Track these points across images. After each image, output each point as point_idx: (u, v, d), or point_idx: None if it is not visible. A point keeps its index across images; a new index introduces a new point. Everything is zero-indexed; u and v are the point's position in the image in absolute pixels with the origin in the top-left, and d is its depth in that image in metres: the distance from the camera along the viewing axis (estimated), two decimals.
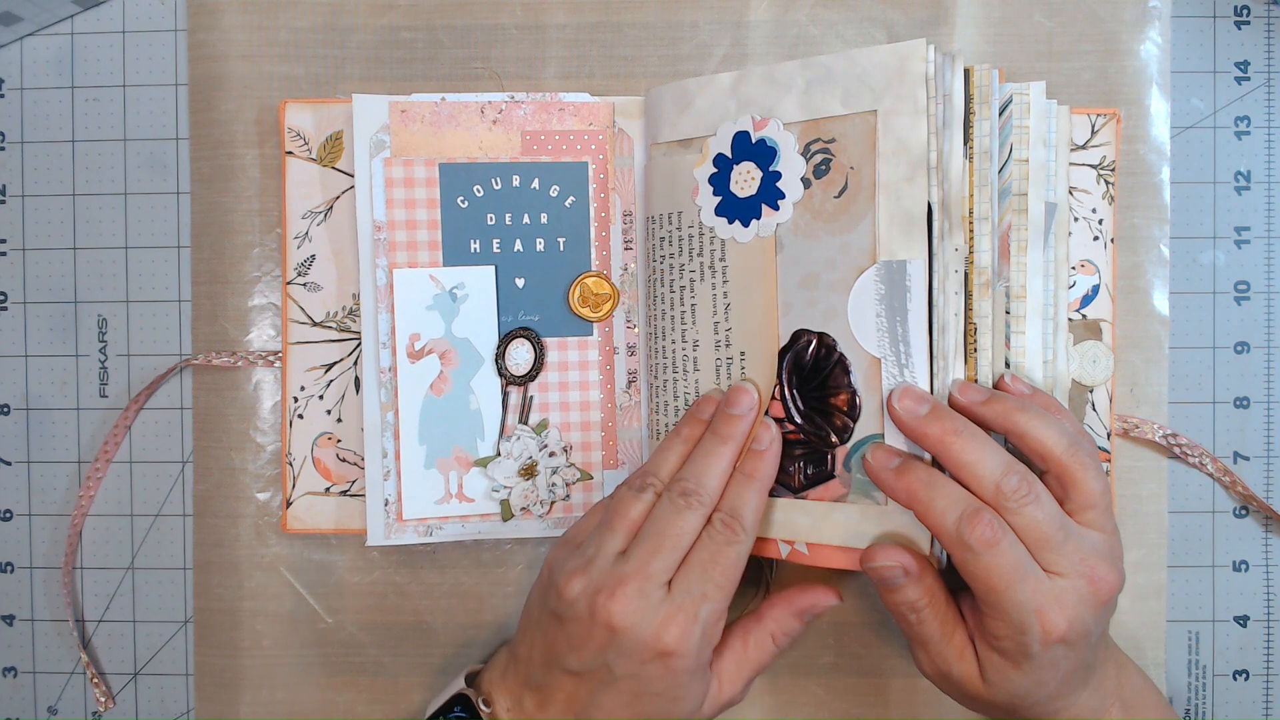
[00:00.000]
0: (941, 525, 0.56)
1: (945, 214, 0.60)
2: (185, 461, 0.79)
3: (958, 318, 0.60)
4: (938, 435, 0.57)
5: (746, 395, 0.65)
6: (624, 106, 0.74)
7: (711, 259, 0.68)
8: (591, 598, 0.61)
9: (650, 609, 0.60)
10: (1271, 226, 0.78)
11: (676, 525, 0.62)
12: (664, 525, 0.62)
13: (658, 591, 0.60)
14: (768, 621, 0.66)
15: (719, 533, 0.62)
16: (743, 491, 0.63)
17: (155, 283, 0.79)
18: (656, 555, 0.61)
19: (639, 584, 0.60)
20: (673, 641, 0.60)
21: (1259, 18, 0.77)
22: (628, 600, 0.60)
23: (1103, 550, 0.58)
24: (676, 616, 0.60)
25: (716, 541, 0.62)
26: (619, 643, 0.60)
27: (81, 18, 0.78)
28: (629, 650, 0.60)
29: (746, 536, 0.62)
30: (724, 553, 0.61)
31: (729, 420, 0.65)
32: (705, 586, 0.61)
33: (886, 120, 0.61)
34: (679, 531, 0.62)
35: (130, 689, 0.80)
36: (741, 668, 0.66)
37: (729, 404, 0.65)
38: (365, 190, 0.72)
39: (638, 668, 0.60)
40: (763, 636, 0.66)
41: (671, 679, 0.61)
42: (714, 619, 0.61)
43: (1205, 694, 0.79)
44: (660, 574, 0.61)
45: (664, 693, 0.61)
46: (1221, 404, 0.78)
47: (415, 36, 0.76)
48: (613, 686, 0.61)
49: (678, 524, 0.62)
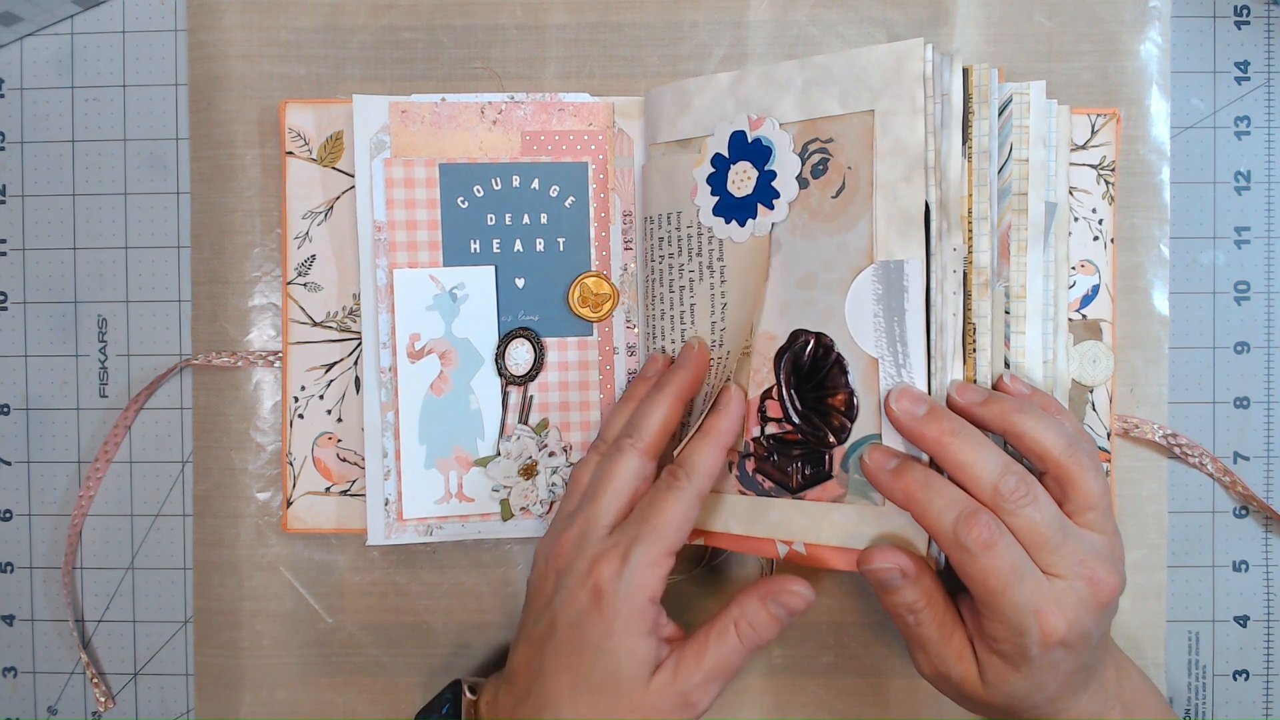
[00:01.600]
0: (939, 526, 0.56)
1: (943, 214, 0.60)
2: (185, 461, 0.79)
3: (956, 318, 0.60)
4: (935, 436, 0.57)
5: (688, 349, 0.68)
6: (624, 107, 0.74)
7: (710, 259, 0.68)
8: (545, 553, 0.65)
9: (588, 547, 0.62)
10: (1271, 226, 0.78)
11: (609, 470, 0.64)
12: (600, 473, 0.65)
13: (599, 532, 0.62)
14: (732, 609, 0.62)
15: (662, 480, 0.63)
16: (695, 444, 0.64)
17: (155, 283, 0.79)
18: (594, 502, 0.63)
19: (580, 528, 0.63)
20: (601, 577, 0.60)
21: (1259, 18, 0.77)
22: (569, 543, 0.63)
23: (1102, 552, 0.57)
24: (608, 553, 0.61)
25: (658, 489, 0.63)
26: (561, 583, 0.62)
27: (81, 18, 0.78)
28: (568, 590, 0.61)
29: (690, 484, 0.62)
30: (662, 498, 0.62)
31: (670, 371, 0.67)
32: (639, 528, 0.61)
33: (884, 120, 0.61)
34: (612, 475, 0.64)
35: (130, 689, 0.80)
36: (700, 658, 0.61)
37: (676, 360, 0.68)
38: (365, 190, 0.72)
39: (575, 609, 0.61)
40: (725, 627, 0.62)
41: (604, 625, 0.59)
42: (645, 561, 0.60)
43: (1205, 694, 0.79)
44: (601, 517, 0.63)
45: (600, 645, 0.59)
46: (1221, 404, 0.78)
47: (415, 36, 0.76)
48: (555, 641, 0.61)
49: (610, 469, 0.64)
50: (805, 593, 0.62)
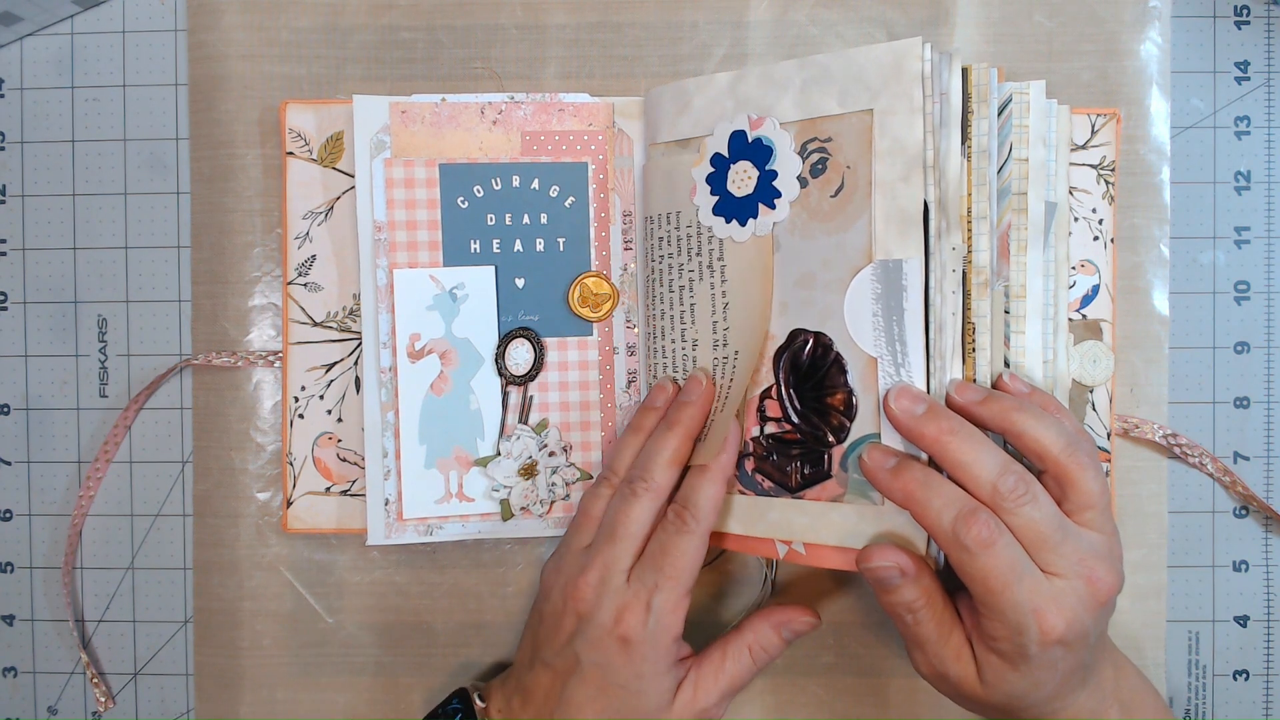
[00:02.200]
0: (938, 525, 0.56)
1: (942, 213, 0.60)
2: (185, 461, 0.79)
3: (955, 317, 0.60)
4: (934, 435, 0.57)
5: (695, 384, 0.68)
6: (624, 107, 0.74)
7: (710, 258, 0.68)
8: (563, 589, 0.65)
9: (610, 596, 0.63)
10: (1271, 226, 0.78)
11: (626, 514, 0.65)
12: (615, 515, 0.65)
13: (618, 579, 0.64)
14: (746, 633, 0.68)
15: (670, 523, 0.65)
16: (697, 481, 0.65)
17: (155, 283, 0.79)
18: (611, 544, 0.64)
19: (599, 572, 0.64)
20: (629, 629, 0.63)
21: (1259, 18, 0.77)
22: (590, 588, 0.64)
23: (1101, 551, 0.57)
24: (632, 604, 0.63)
25: (668, 531, 0.64)
26: (584, 629, 0.64)
27: (81, 18, 0.78)
28: (593, 637, 0.63)
29: (698, 525, 0.64)
30: (674, 542, 0.64)
31: (678, 407, 0.67)
32: (657, 577, 0.63)
33: (883, 119, 0.61)
34: (629, 520, 0.65)
35: (130, 689, 0.80)
36: (717, 678, 0.66)
37: (682, 392, 0.68)
38: (366, 191, 0.72)
39: (601, 655, 0.63)
40: (739, 649, 0.67)
41: (632, 669, 0.63)
42: (668, 608, 0.63)
43: (1205, 694, 0.79)
44: (618, 562, 0.64)
45: (627, 684, 0.63)
46: (1221, 404, 0.78)
47: (415, 36, 0.76)
48: (581, 676, 0.64)
49: (627, 513, 0.65)
50: (812, 620, 0.68)
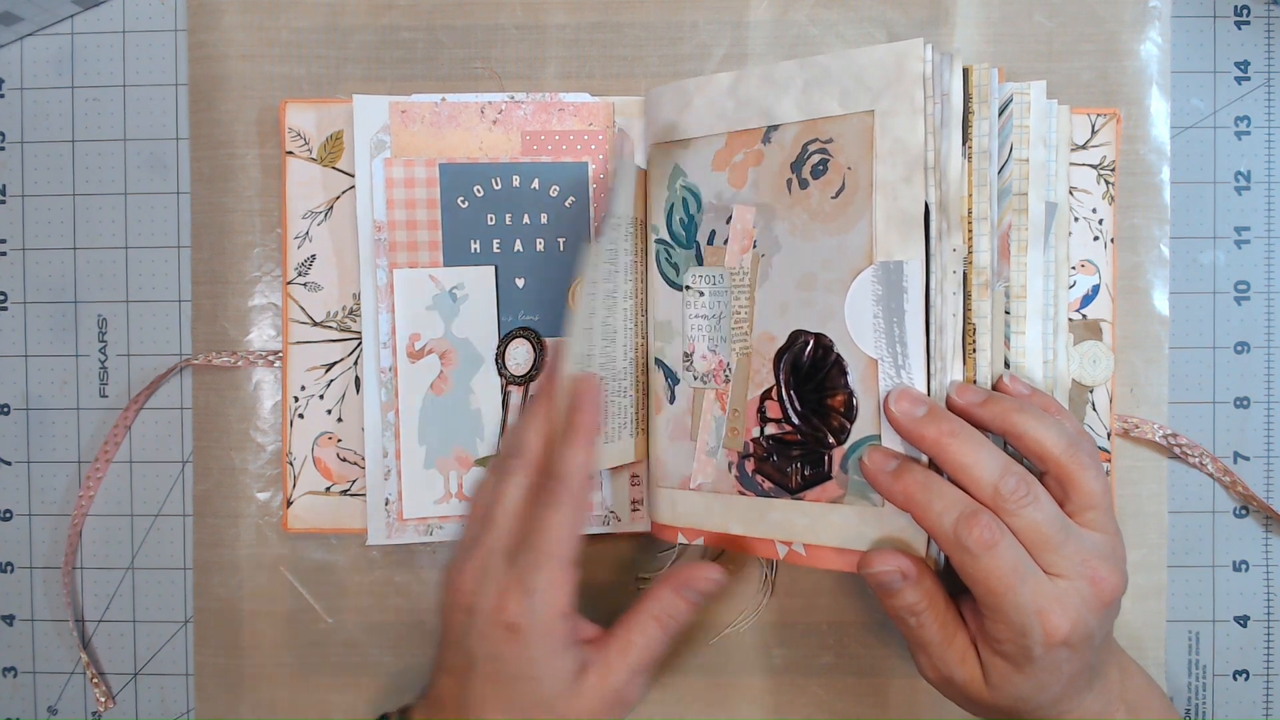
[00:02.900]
0: (939, 527, 0.56)
1: (943, 214, 0.60)
2: (185, 461, 0.79)
3: (956, 318, 0.60)
4: (934, 437, 0.57)
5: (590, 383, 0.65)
6: (624, 106, 0.74)
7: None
8: (448, 585, 0.62)
9: (489, 582, 0.60)
10: (1271, 226, 0.78)
11: (496, 493, 0.62)
12: (488, 497, 0.63)
13: (497, 564, 0.61)
14: (650, 603, 0.64)
15: (541, 495, 0.62)
16: (561, 450, 0.63)
17: (155, 283, 0.79)
18: (486, 528, 0.62)
19: (479, 560, 0.61)
20: (512, 613, 0.59)
21: (1259, 18, 0.77)
22: (471, 578, 0.61)
23: (1104, 551, 0.57)
24: (511, 588, 0.59)
25: (537, 506, 0.61)
26: (471, 622, 0.60)
27: (81, 18, 0.78)
28: (480, 629, 0.60)
29: (567, 494, 0.61)
30: (544, 517, 0.60)
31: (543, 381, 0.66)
32: (532, 555, 0.60)
33: (884, 120, 0.61)
34: (499, 497, 0.62)
35: (130, 689, 0.80)
36: (625, 654, 0.62)
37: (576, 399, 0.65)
38: (366, 190, 0.72)
39: (491, 646, 0.60)
40: (645, 621, 0.63)
41: (524, 655, 0.59)
42: (548, 586, 0.59)
43: (1205, 694, 0.79)
44: (496, 544, 0.61)
45: (522, 673, 0.60)
46: (1221, 404, 0.78)
47: (415, 36, 0.76)
48: (478, 673, 0.60)
49: (497, 492, 0.62)
50: (715, 576, 0.64)
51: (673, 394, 0.71)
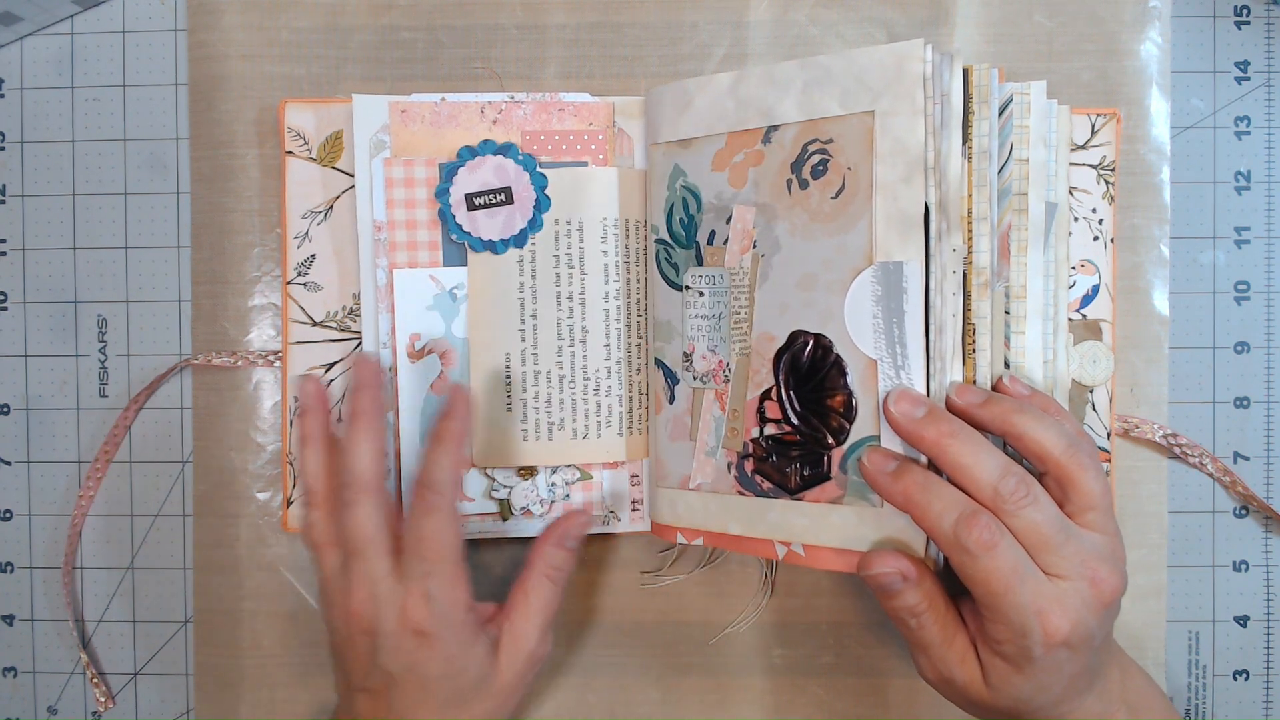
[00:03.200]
0: (938, 528, 0.56)
1: (943, 215, 0.60)
2: (185, 461, 0.79)
3: (955, 319, 0.60)
4: (934, 438, 0.57)
5: (364, 365, 0.67)
6: (624, 106, 0.74)
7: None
8: (342, 618, 0.63)
9: (385, 602, 0.62)
10: (1271, 226, 0.78)
11: (352, 525, 0.63)
12: (345, 531, 0.63)
13: (385, 582, 0.62)
14: (537, 562, 0.67)
15: (417, 506, 0.63)
16: (430, 456, 0.65)
17: (155, 283, 0.79)
18: (358, 557, 0.63)
19: (364, 586, 0.62)
20: (419, 621, 0.61)
21: (1259, 18, 0.77)
22: (362, 604, 0.62)
23: (1104, 552, 0.57)
24: (410, 601, 0.62)
25: (416, 516, 0.63)
26: (379, 644, 0.62)
27: (81, 18, 0.78)
28: (390, 647, 0.62)
29: (442, 499, 0.63)
30: (425, 524, 0.63)
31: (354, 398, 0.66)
32: (422, 565, 0.62)
33: (884, 121, 0.61)
34: (357, 526, 0.63)
35: (130, 689, 0.80)
36: (529, 616, 0.66)
37: (353, 383, 0.66)
38: (365, 190, 0.72)
39: (407, 658, 0.62)
40: (538, 579, 0.67)
41: (441, 657, 0.62)
42: (447, 588, 0.62)
43: (1205, 694, 0.79)
44: (374, 566, 0.62)
45: (443, 673, 0.63)
46: (1221, 404, 0.78)
47: (415, 36, 0.76)
48: (398, 688, 0.63)
49: (352, 524, 0.63)
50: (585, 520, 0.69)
51: (672, 394, 0.71)
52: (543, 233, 0.72)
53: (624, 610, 0.77)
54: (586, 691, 0.77)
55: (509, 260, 0.72)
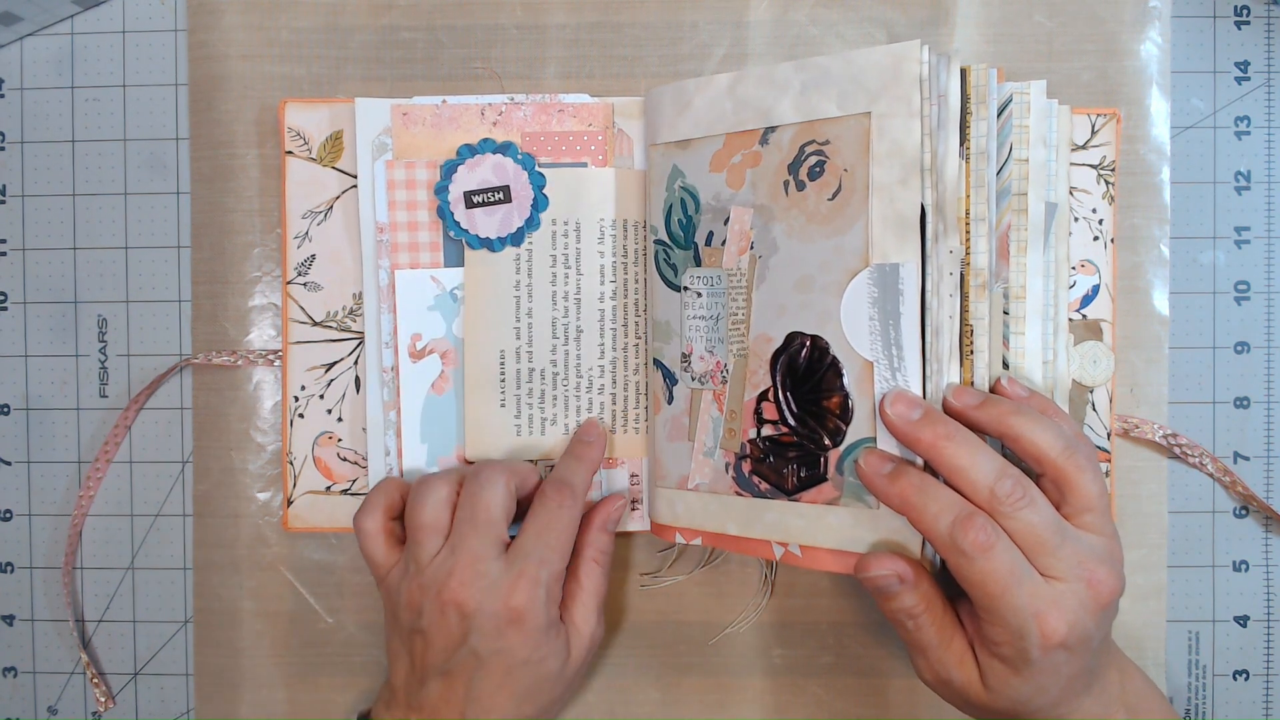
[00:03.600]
0: (935, 530, 0.56)
1: (940, 216, 0.59)
2: (185, 461, 0.79)
3: (952, 320, 0.60)
4: (930, 440, 0.57)
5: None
6: (624, 107, 0.74)
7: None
8: (437, 596, 0.64)
9: (492, 582, 0.63)
10: (1271, 226, 0.78)
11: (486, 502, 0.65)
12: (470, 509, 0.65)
13: (494, 565, 0.64)
14: (586, 550, 0.70)
15: (551, 499, 0.67)
16: (571, 464, 0.70)
17: (155, 283, 0.79)
18: (475, 535, 0.64)
19: (471, 565, 0.63)
20: (521, 604, 0.63)
21: (1259, 18, 0.77)
22: (468, 583, 0.63)
23: (1101, 553, 0.57)
24: (519, 582, 0.63)
25: (549, 508, 0.66)
26: (474, 624, 0.63)
27: (81, 18, 0.78)
28: (485, 627, 0.63)
29: (574, 503, 0.67)
30: (556, 517, 0.66)
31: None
32: (543, 552, 0.65)
33: (880, 122, 0.61)
34: (487, 505, 0.65)
35: (130, 689, 0.80)
36: (585, 603, 0.69)
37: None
38: (368, 192, 0.73)
39: (497, 641, 0.63)
40: (588, 567, 0.70)
41: (530, 642, 0.64)
42: (554, 579, 0.65)
43: (1205, 694, 0.79)
44: (486, 549, 0.64)
45: (529, 658, 0.64)
46: (1221, 404, 0.78)
47: (415, 36, 0.76)
48: (483, 670, 0.64)
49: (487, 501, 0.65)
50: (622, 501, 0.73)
51: (671, 394, 0.71)
52: (540, 232, 0.72)
53: (624, 610, 0.77)
54: (586, 691, 0.77)
55: (506, 258, 0.72)
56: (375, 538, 0.68)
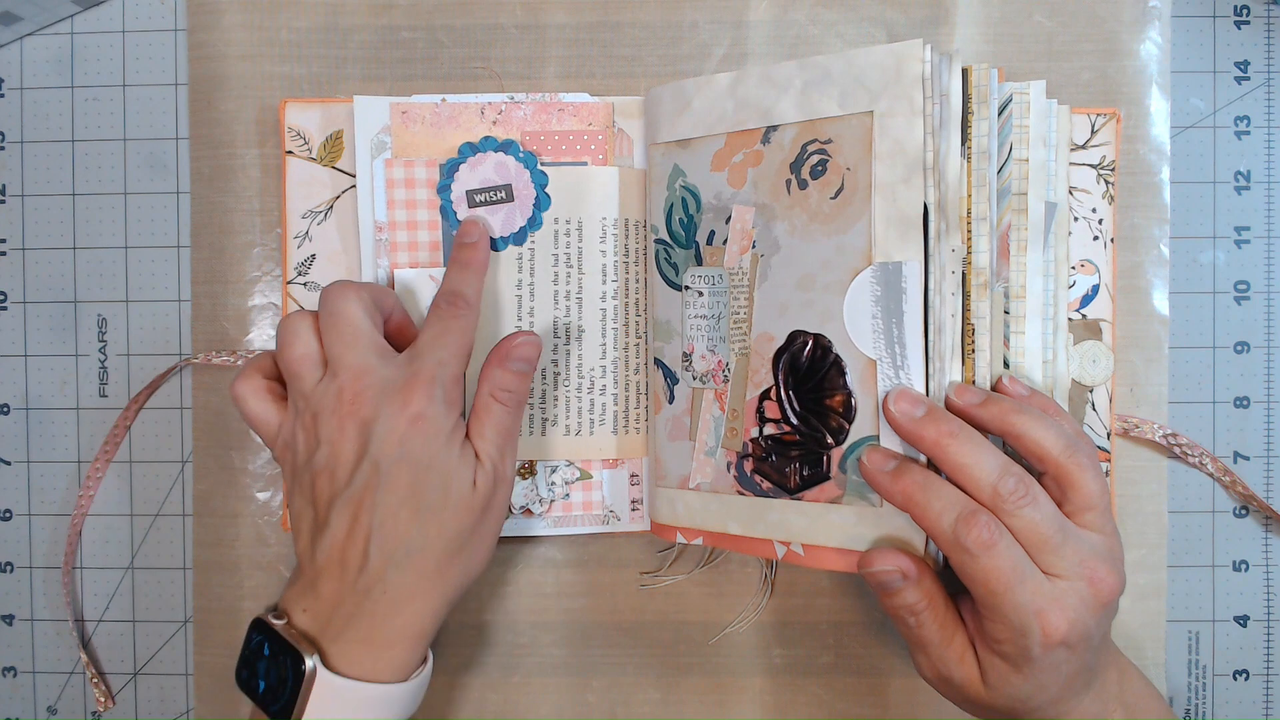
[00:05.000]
0: (938, 528, 0.56)
1: (942, 215, 0.60)
2: (185, 461, 0.79)
3: (955, 319, 0.60)
4: (933, 438, 0.57)
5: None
6: (624, 106, 0.74)
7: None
8: (332, 415, 0.62)
9: (384, 386, 0.61)
10: (1271, 226, 0.78)
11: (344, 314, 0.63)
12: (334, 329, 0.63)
13: (384, 370, 0.62)
14: (483, 385, 0.66)
15: (443, 310, 0.66)
16: (456, 272, 0.69)
17: (155, 283, 0.79)
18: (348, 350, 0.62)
19: (359, 377, 0.62)
20: (419, 405, 0.61)
21: (1259, 18, 0.77)
22: (360, 393, 0.61)
23: (1102, 551, 0.57)
24: (414, 382, 0.61)
25: (443, 317, 0.65)
26: (373, 431, 0.61)
27: (81, 18, 0.78)
28: (383, 433, 0.60)
29: (468, 309, 0.67)
30: (451, 325, 0.65)
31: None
32: (439, 353, 0.63)
33: (883, 121, 0.61)
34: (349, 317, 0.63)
35: (130, 689, 0.80)
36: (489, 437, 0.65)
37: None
38: (367, 191, 0.72)
39: (398, 447, 0.60)
40: (486, 401, 0.66)
41: (433, 447, 0.61)
42: (451, 382, 0.63)
43: (1205, 694, 0.79)
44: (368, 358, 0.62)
45: (432, 463, 0.61)
46: (1221, 404, 0.78)
47: (415, 36, 0.76)
48: (385, 485, 0.60)
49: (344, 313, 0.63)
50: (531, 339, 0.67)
51: (672, 394, 0.71)
52: (542, 231, 0.72)
53: (624, 610, 0.77)
54: (586, 691, 0.77)
55: (508, 257, 0.72)
56: (257, 395, 0.65)
